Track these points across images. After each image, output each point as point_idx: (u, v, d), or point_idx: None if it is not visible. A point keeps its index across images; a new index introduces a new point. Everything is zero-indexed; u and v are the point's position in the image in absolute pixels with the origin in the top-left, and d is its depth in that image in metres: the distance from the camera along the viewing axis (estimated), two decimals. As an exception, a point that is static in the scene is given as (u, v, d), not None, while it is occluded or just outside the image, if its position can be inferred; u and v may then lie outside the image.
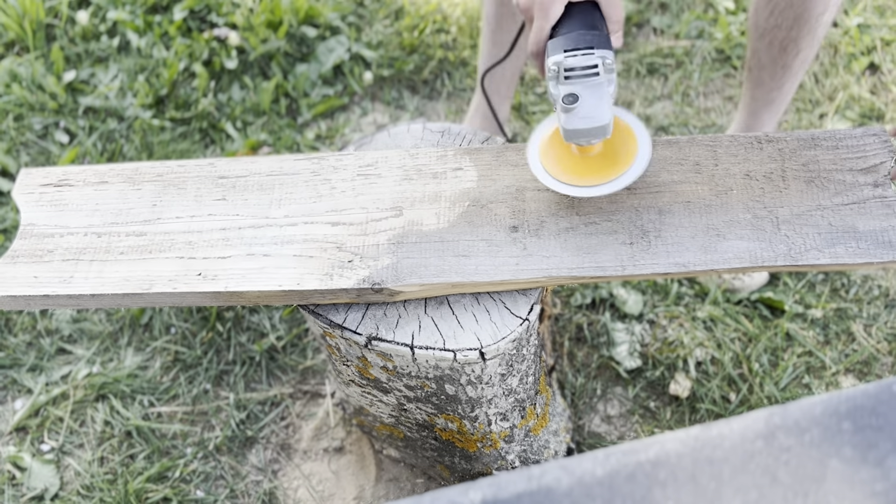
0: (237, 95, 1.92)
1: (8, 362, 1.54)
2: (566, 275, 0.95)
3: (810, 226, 0.96)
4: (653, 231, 0.98)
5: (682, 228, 0.97)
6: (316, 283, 0.97)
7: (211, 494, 1.38)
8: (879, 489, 0.55)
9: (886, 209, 0.96)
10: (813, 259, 0.94)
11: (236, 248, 1.02)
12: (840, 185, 0.99)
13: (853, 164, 1.01)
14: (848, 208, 0.97)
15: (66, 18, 2.08)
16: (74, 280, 1.02)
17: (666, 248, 0.96)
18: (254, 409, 1.47)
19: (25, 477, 1.40)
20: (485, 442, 1.13)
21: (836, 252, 0.94)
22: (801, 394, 1.40)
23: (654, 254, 0.96)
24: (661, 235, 0.97)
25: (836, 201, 0.98)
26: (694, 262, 0.95)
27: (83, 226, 1.07)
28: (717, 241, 0.96)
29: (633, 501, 0.54)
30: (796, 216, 0.97)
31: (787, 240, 0.95)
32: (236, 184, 1.09)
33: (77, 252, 1.05)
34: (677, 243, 0.96)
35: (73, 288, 1.01)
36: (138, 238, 1.05)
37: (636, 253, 0.96)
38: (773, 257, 0.94)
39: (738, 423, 0.57)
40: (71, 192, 1.12)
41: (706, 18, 1.95)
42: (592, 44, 0.92)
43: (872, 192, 0.98)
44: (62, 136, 1.87)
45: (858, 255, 0.93)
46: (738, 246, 0.95)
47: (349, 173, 1.08)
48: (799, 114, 1.76)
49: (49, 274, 1.03)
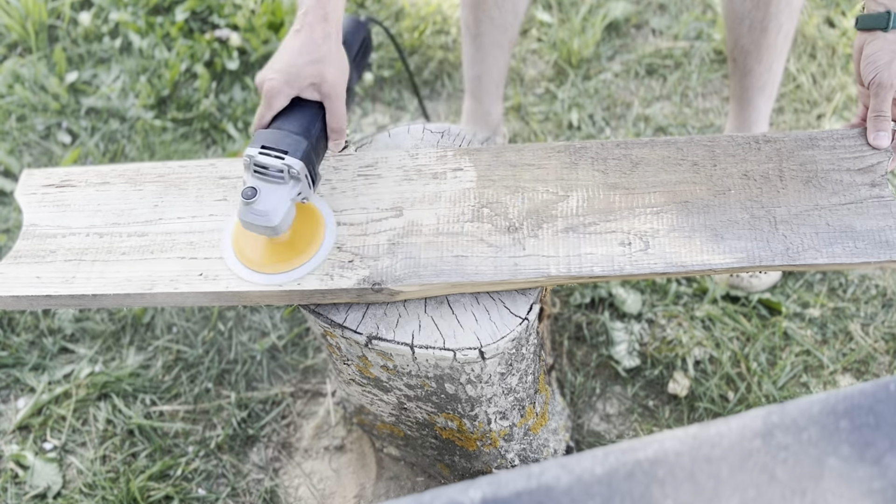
0: (238, 96, 1.92)
1: (11, 361, 1.54)
2: (564, 274, 0.95)
3: (808, 225, 0.96)
4: (650, 231, 0.97)
5: (680, 229, 0.97)
6: (316, 282, 0.97)
7: (212, 493, 1.38)
8: (877, 487, 0.55)
9: (883, 209, 0.96)
10: (810, 259, 0.94)
11: None
12: (837, 184, 0.99)
13: (850, 163, 1.01)
14: (845, 208, 0.97)
15: (68, 20, 2.08)
16: (76, 280, 1.02)
17: (663, 248, 0.96)
18: (255, 407, 1.47)
19: (28, 475, 1.41)
20: (484, 440, 1.13)
21: (833, 252, 0.94)
22: (799, 393, 1.40)
23: (652, 254, 0.95)
24: (659, 236, 0.97)
25: (834, 201, 0.98)
26: (691, 262, 0.94)
27: (85, 226, 1.07)
28: (714, 241, 0.96)
29: (632, 499, 0.54)
30: (794, 216, 0.97)
31: (785, 239, 0.95)
32: (237, 184, 1.09)
33: (79, 252, 1.05)
34: (675, 243, 0.96)
35: (75, 288, 1.01)
36: (140, 238, 1.05)
37: (634, 253, 0.96)
38: (771, 257, 0.94)
39: (737, 422, 0.57)
40: (73, 192, 1.12)
41: (704, 19, 1.95)
42: (288, 149, 0.94)
43: (869, 192, 0.98)
44: (64, 136, 1.87)
45: (856, 255, 0.93)
46: (736, 246, 0.95)
47: (349, 174, 1.08)
48: (797, 114, 1.76)
49: (51, 274, 1.03)
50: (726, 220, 0.98)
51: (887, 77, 0.99)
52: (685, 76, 1.86)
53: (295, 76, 0.95)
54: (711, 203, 0.99)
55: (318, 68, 0.95)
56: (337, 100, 0.98)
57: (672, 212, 0.99)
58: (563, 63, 1.91)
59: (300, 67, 0.95)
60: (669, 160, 1.04)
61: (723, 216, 0.98)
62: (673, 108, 1.81)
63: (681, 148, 1.05)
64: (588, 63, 1.92)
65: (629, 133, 1.76)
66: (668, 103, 1.83)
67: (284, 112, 0.98)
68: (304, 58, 0.95)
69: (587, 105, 1.83)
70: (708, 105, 1.82)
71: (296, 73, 0.95)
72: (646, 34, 1.96)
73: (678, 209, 0.99)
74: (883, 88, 0.99)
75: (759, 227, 0.97)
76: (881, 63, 0.99)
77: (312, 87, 0.97)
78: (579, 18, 1.97)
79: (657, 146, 1.05)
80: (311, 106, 0.98)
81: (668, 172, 1.03)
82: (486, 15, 1.45)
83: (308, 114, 0.98)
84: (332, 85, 0.96)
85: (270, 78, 0.96)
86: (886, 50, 0.99)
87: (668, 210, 0.99)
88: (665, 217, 0.99)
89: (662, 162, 1.04)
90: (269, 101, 0.96)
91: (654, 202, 1.00)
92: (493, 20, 1.46)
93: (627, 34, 1.95)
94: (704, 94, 1.84)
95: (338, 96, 0.98)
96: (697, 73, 1.86)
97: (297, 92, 0.96)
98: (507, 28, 1.48)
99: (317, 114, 0.98)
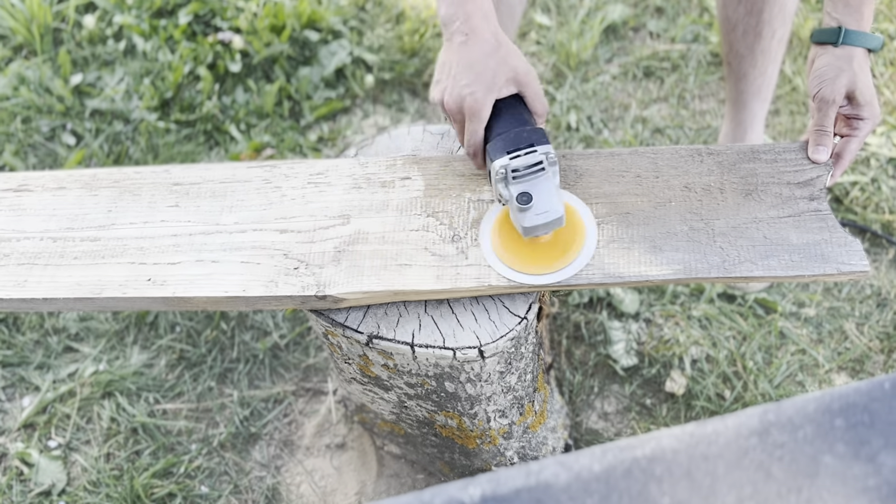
0: (241, 98, 1.92)
1: (16, 360, 1.54)
2: (505, 284, 0.95)
3: (745, 238, 0.95)
4: None
5: (620, 240, 0.97)
6: (261, 289, 0.97)
7: (215, 490, 1.38)
8: (871, 485, 0.55)
9: (820, 222, 0.96)
10: (746, 271, 0.93)
11: (186, 254, 1.02)
12: (777, 197, 0.98)
13: (790, 177, 1.00)
14: (783, 221, 0.96)
15: (73, 23, 2.08)
16: (28, 284, 1.02)
17: (602, 259, 0.95)
18: (257, 406, 1.47)
19: (33, 473, 1.41)
20: (484, 438, 1.13)
21: (769, 265, 0.93)
22: (795, 391, 1.40)
23: (591, 265, 0.95)
24: (599, 247, 0.96)
25: (772, 214, 0.97)
26: (629, 273, 0.94)
27: (39, 230, 1.07)
28: (652, 253, 0.95)
29: (630, 497, 0.54)
30: (732, 228, 0.96)
31: (722, 251, 0.94)
32: (189, 191, 1.09)
33: (32, 256, 1.05)
34: (614, 255, 0.95)
35: (26, 292, 1.01)
36: (92, 243, 1.05)
37: None
38: (707, 269, 0.93)
39: (733, 420, 0.57)
40: (30, 197, 1.11)
41: (701, 22, 1.95)
42: (532, 140, 0.93)
43: (808, 206, 0.97)
44: (69, 138, 1.87)
45: (791, 268, 0.92)
46: (674, 257, 0.94)
47: (300, 181, 1.08)
48: (792, 116, 1.76)
49: (4, 278, 1.03)
50: (665, 231, 0.97)
51: (830, 92, 0.97)
52: (682, 78, 1.86)
53: (492, 81, 0.93)
54: (652, 215, 0.98)
55: (509, 63, 0.94)
56: (534, 84, 0.96)
57: (613, 223, 0.98)
58: (562, 65, 1.91)
59: (494, 71, 0.93)
60: (613, 172, 1.03)
61: (662, 228, 0.97)
62: (670, 110, 1.81)
63: (625, 160, 1.04)
64: (586, 65, 1.92)
65: (627, 134, 1.76)
66: (666, 105, 1.83)
67: (493, 118, 0.95)
68: (492, 61, 0.93)
69: (585, 107, 1.83)
70: (705, 107, 1.82)
71: (491, 78, 0.93)
72: (643, 37, 1.96)
73: (619, 220, 0.98)
74: (825, 103, 0.98)
75: (697, 239, 0.96)
76: (827, 78, 0.98)
77: (508, 83, 0.95)
78: (578, 21, 1.97)
79: (601, 158, 1.05)
80: (512, 101, 0.96)
81: (611, 184, 1.02)
82: None
83: (515, 107, 0.96)
84: (524, 73, 0.95)
85: (469, 94, 0.93)
86: (833, 65, 0.98)
87: (609, 221, 0.99)
88: (606, 228, 0.98)
89: (606, 173, 1.03)
90: (474, 115, 0.94)
91: (596, 213, 0.99)
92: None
93: (625, 37, 1.95)
94: (701, 97, 1.84)
95: (533, 80, 0.96)
96: (694, 76, 1.86)
97: (497, 95, 0.94)
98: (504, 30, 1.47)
99: (520, 104, 0.96)
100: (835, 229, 0.95)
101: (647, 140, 1.75)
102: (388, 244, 1.00)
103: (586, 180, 1.03)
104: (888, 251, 1.55)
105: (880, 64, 1.82)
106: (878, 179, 1.63)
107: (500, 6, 1.44)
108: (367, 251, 0.99)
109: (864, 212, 1.58)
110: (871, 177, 1.63)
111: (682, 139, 1.75)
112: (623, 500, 0.54)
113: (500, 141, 0.94)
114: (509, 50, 0.95)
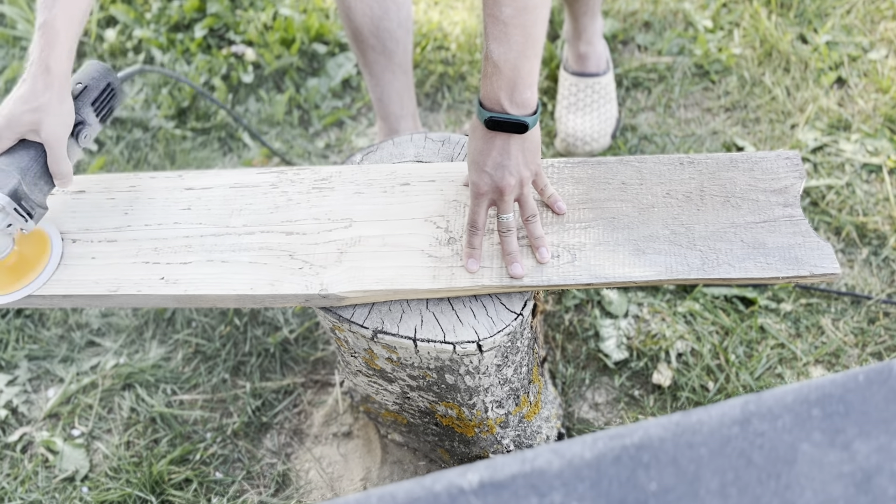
0: (253, 107, 1.92)
1: (42, 354, 1.54)
2: (496, 284, 0.95)
3: (724, 241, 0.95)
4: (578, 245, 0.97)
5: (605, 243, 0.97)
6: (268, 288, 0.97)
7: (229, 476, 1.38)
8: (846, 471, 0.55)
9: (794, 227, 0.96)
10: (724, 273, 0.93)
11: (197, 254, 1.02)
12: (753, 204, 0.99)
13: (766, 184, 1.00)
14: (759, 226, 0.96)
15: (94, 36, 2.08)
16: (49, 282, 1.02)
17: (589, 261, 0.96)
18: (268, 397, 1.47)
19: (58, 460, 1.41)
20: (482, 427, 1.13)
21: (746, 267, 0.93)
22: (775, 383, 1.40)
23: (578, 266, 0.95)
24: (586, 249, 0.97)
25: (749, 219, 0.97)
26: (614, 274, 0.94)
27: (60, 231, 1.07)
28: (636, 256, 0.95)
29: (619, 482, 0.54)
30: (711, 233, 0.96)
31: (702, 254, 0.94)
32: (201, 195, 1.09)
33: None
34: (599, 257, 0.96)
35: (47, 289, 1.01)
36: (109, 244, 1.05)
37: (562, 265, 0.96)
38: (688, 270, 0.93)
39: (716, 410, 0.57)
40: (51, 199, 1.12)
41: (686, 36, 1.95)
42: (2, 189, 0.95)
43: (782, 212, 0.98)
44: (91, 145, 1.87)
45: (766, 270, 0.92)
46: (656, 260, 0.94)
47: (305, 186, 1.08)
48: (772, 124, 1.76)
49: None
50: (648, 235, 0.97)
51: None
52: (668, 88, 1.86)
53: (15, 122, 0.96)
54: (636, 220, 0.99)
55: (37, 116, 0.96)
56: (56, 146, 0.98)
57: (599, 227, 0.99)
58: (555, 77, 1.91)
59: (19, 115, 0.96)
60: (600, 179, 1.04)
61: (645, 232, 0.97)
62: (657, 119, 1.81)
63: (611, 168, 1.05)
64: (578, 76, 1.91)
65: (617, 141, 1.76)
66: (653, 114, 1.83)
67: (9, 151, 0.98)
68: (24, 106, 0.96)
69: (577, 115, 1.83)
70: (689, 115, 1.82)
71: (16, 120, 0.96)
72: (632, 49, 1.96)
73: (605, 225, 0.99)
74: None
75: (678, 242, 0.96)
76: None
77: (33, 133, 0.97)
78: (570, 35, 1.97)
79: (589, 166, 1.05)
80: (32, 147, 0.99)
81: (598, 191, 1.02)
82: (367, 45, 1.44)
83: (28, 154, 0.98)
84: (49, 132, 0.97)
85: None
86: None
87: (595, 225, 0.99)
88: (592, 232, 0.98)
89: (593, 181, 1.04)
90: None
91: (584, 217, 1.00)
92: (374, 49, 1.44)
93: (615, 49, 1.95)
94: (686, 106, 1.84)
95: (56, 142, 0.98)
96: (679, 86, 1.86)
97: (17, 136, 0.97)
98: (391, 54, 1.45)
99: (37, 154, 0.99)
100: (808, 234, 0.95)
101: (636, 147, 1.75)
102: (388, 247, 1.00)
103: (575, 187, 1.04)
104: (862, 251, 1.55)
105: (854, 76, 1.82)
106: (852, 184, 1.63)
107: (379, 33, 1.41)
108: (368, 253, 0.99)
109: (839, 214, 1.58)
110: (846, 181, 1.63)
111: (668, 146, 1.75)
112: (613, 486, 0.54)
113: None
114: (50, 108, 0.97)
